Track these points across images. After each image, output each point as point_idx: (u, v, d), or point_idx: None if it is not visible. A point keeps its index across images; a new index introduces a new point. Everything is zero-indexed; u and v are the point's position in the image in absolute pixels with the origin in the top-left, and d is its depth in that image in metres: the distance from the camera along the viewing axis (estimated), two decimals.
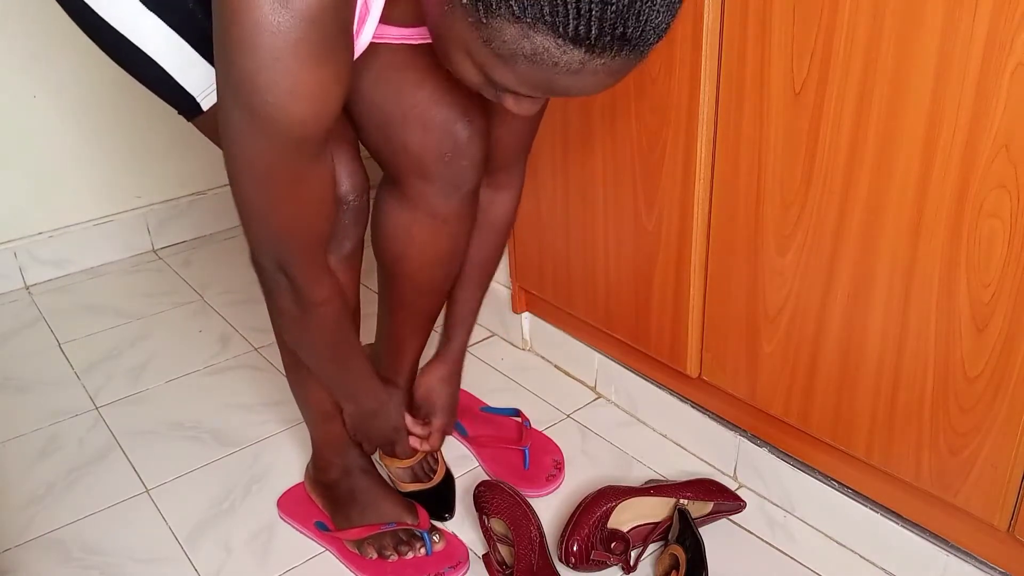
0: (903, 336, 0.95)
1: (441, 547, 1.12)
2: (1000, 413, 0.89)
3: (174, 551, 1.17)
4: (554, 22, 0.58)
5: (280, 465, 1.32)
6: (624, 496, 1.12)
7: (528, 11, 0.58)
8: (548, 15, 0.58)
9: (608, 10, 0.58)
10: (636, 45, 0.61)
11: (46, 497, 1.28)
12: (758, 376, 1.13)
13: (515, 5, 0.59)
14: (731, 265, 1.10)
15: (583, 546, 1.07)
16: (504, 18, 0.60)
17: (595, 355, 1.44)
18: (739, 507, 1.17)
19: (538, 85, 0.64)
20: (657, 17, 0.61)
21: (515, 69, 0.63)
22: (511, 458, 1.29)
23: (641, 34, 0.61)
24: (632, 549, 1.10)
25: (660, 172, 1.14)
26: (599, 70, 0.62)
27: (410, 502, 1.16)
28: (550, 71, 0.62)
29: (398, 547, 1.11)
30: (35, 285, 1.91)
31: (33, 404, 1.49)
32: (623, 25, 0.59)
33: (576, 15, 0.58)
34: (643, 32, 0.61)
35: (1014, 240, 0.82)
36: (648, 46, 0.63)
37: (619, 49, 0.61)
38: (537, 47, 0.60)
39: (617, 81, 0.65)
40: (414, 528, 1.11)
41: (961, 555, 1.01)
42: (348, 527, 1.13)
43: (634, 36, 0.60)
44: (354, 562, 1.12)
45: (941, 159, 0.84)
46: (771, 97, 0.97)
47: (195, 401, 1.48)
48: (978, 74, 0.79)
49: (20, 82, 1.77)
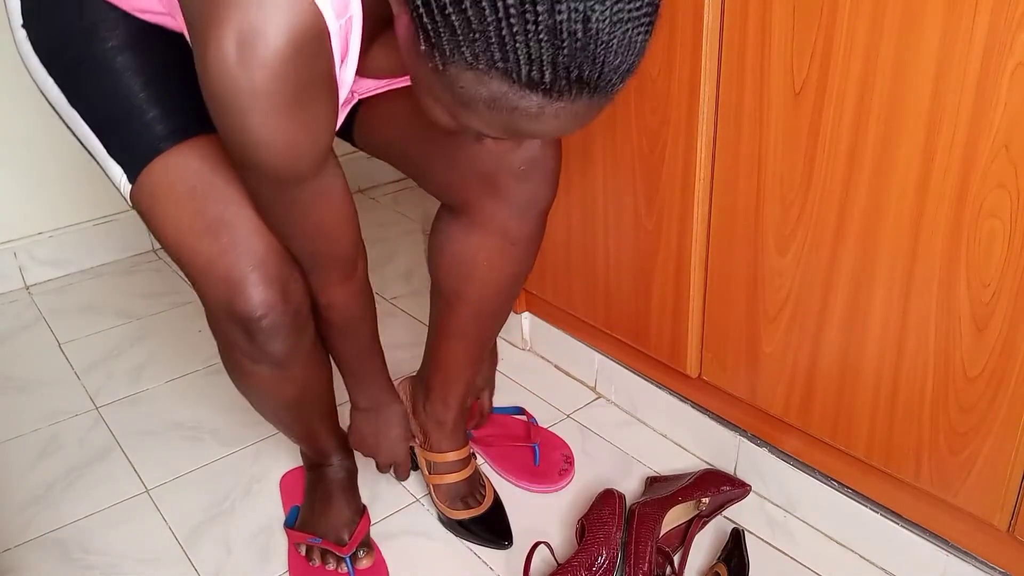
0: (903, 336, 0.95)
1: (366, 565, 1.12)
2: (1000, 413, 0.89)
3: (174, 551, 1.17)
4: (506, 68, 0.56)
5: (280, 465, 1.32)
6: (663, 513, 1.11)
7: (480, 58, 0.57)
8: (500, 61, 0.56)
9: (560, 54, 0.55)
10: (597, 88, 0.59)
11: (46, 497, 1.28)
12: (758, 376, 1.13)
13: (467, 52, 0.57)
14: (731, 265, 1.10)
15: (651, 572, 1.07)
16: (459, 65, 0.58)
17: (595, 355, 1.44)
18: (744, 492, 1.19)
19: (503, 129, 0.62)
20: (615, 59, 0.58)
21: (478, 114, 0.61)
22: (520, 456, 1.30)
23: (599, 76, 0.58)
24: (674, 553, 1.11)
25: (660, 172, 1.14)
26: (560, 113, 0.60)
27: (355, 516, 1.15)
28: (511, 115, 0.60)
29: (324, 557, 1.12)
30: (35, 285, 1.91)
31: (33, 404, 1.49)
32: (578, 68, 0.57)
33: (528, 60, 0.56)
34: (601, 75, 0.58)
35: (1014, 240, 0.82)
36: (611, 87, 0.60)
37: (578, 92, 0.58)
38: (494, 92, 0.58)
39: (586, 123, 0.63)
40: (335, 551, 1.11)
41: (961, 555, 1.01)
42: (300, 522, 1.17)
43: (592, 79, 0.58)
44: (291, 552, 1.16)
45: (941, 159, 0.84)
46: (771, 97, 0.97)
47: (195, 401, 1.48)
48: (978, 74, 0.79)
49: (20, 82, 1.77)
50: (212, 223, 0.81)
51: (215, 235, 0.81)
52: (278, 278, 0.84)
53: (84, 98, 0.84)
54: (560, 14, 0.54)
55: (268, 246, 0.83)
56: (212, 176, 0.82)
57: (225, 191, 0.82)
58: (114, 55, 0.82)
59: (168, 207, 0.82)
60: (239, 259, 0.82)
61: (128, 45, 0.82)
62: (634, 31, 0.57)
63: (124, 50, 0.82)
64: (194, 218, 0.81)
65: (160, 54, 0.84)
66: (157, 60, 0.83)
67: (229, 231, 0.82)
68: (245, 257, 0.82)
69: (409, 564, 1.14)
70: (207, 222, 0.81)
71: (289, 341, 0.88)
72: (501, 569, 1.13)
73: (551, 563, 1.11)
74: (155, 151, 0.82)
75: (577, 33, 0.55)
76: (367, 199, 2.32)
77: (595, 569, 1.04)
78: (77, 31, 0.83)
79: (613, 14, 0.55)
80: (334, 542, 1.11)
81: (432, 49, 0.59)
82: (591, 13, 0.54)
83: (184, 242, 0.82)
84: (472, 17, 0.55)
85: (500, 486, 1.26)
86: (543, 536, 1.16)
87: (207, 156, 0.82)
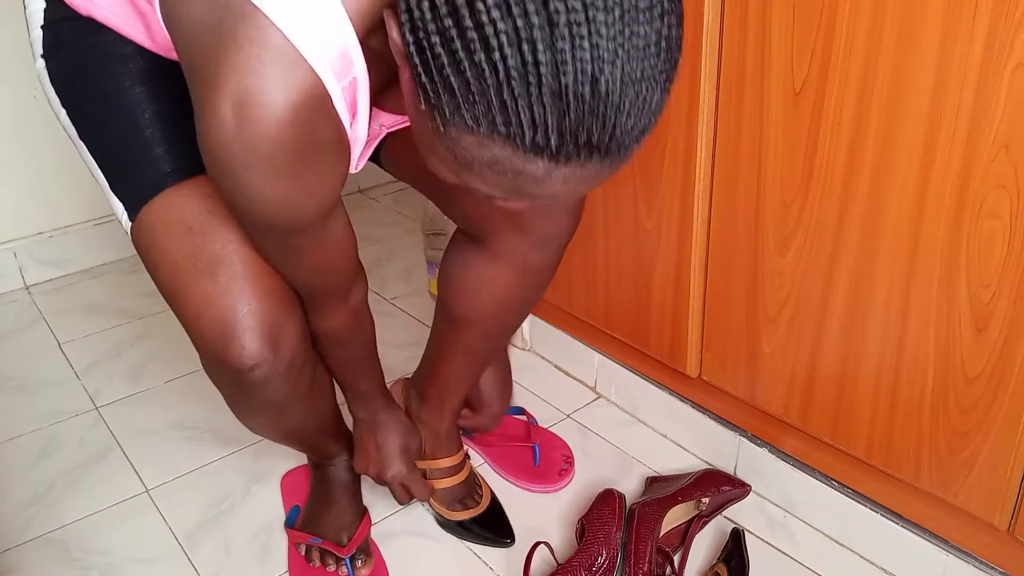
0: (903, 336, 0.95)
1: (364, 573, 1.11)
2: (1000, 413, 0.89)
3: (174, 551, 1.17)
4: (508, 132, 0.53)
5: (280, 465, 1.31)
6: (663, 513, 1.11)
7: (481, 122, 0.53)
8: (502, 125, 0.53)
9: (566, 119, 0.52)
10: (609, 151, 0.55)
11: (46, 497, 1.28)
12: (758, 376, 1.13)
13: (468, 116, 0.54)
14: (731, 265, 1.10)
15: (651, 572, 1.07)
16: (460, 128, 0.55)
17: (595, 355, 1.44)
18: (745, 492, 1.19)
19: (509, 191, 0.58)
20: (628, 121, 0.53)
21: (481, 176, 0.58)
22: (520, 456, 1.30)
23: (611, 139, 0.54)
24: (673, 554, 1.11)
25: (660, 172, 1.14)
26: (570, 178, 0.56)
27: (356, 518, 1.15)
28: (516, 179, 0.56)
29: (323, 558, 1.12)
30: (35, 285, 1.91)
31: (33, 404, 1.49)
32: (587, 133, 0.52)
33: (531, 125, 0.52)
34: (613, 137, 0.54)
35: (1014, 240, 0.82)
36: (624, 150, 0.56)
37: (587, 156, 0.54)
38: (497, 156, 0.55)
39: (599, 183, 0.59)
40: (336, 552, 1.11)
41: (961, 555, 1.01)
42: (302, 521, 1.16)
43: (603, 143, 0.54)
44: (291, 552, 1.15)
45: (941, 159, 0.84)
46: (771, 97, 0.97)
47: (195, 401, 1.48)
48: (978, 74, 0.79)
49: (20, 82, 1.77)
50: (210, 263, 0.79)
51: (212, 275, 0.79)
52: (272, 327, 0.81)
53: (92, 133, 0.84)
54: (566, 76, 0.50)
55: (265, 290, 0.81)
56: (211, 216, 0.80)
57: (224, 231, 0.80)
58: (124, 91, 0.81)
59: (166, 245, 0.80)
60: (235, 301, 0.80)
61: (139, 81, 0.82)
62: (649, 92, 0.54)
63: (135, 86, 0.82)
64: (192, 258, 0.79)
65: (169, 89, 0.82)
66: (166, 96, 0.82)
67: (227, 270, 0.79)
68: (242, 300, 0.80)
69: (409, 564, 1.14)
70: (205, 262, 0.79)
71: (283, 390, 0.87)
72: (501, 569, 1.12)
73: (551, 563, 1.11)
74: (156, 189, 0.81)
75: (585, 96, 0.51)
76: (367, 199, 2.32)
77: (595, 569, 1.04)
78: (90, 66, 0.82)
79: (625, 74, 0.52)
80: (334, 543, 1.11)
81: (432, 110, 0.56)
82: (599, 75, 0.51)
83: (180, 282, 0.80)
84: (472, 79, 0.52)
85: (500, 486, 1.26)
86: (543, 536, 1.16)
87: (208, 195, 0.80)
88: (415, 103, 0.58)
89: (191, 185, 0.81)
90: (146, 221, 0.81)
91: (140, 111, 0.81)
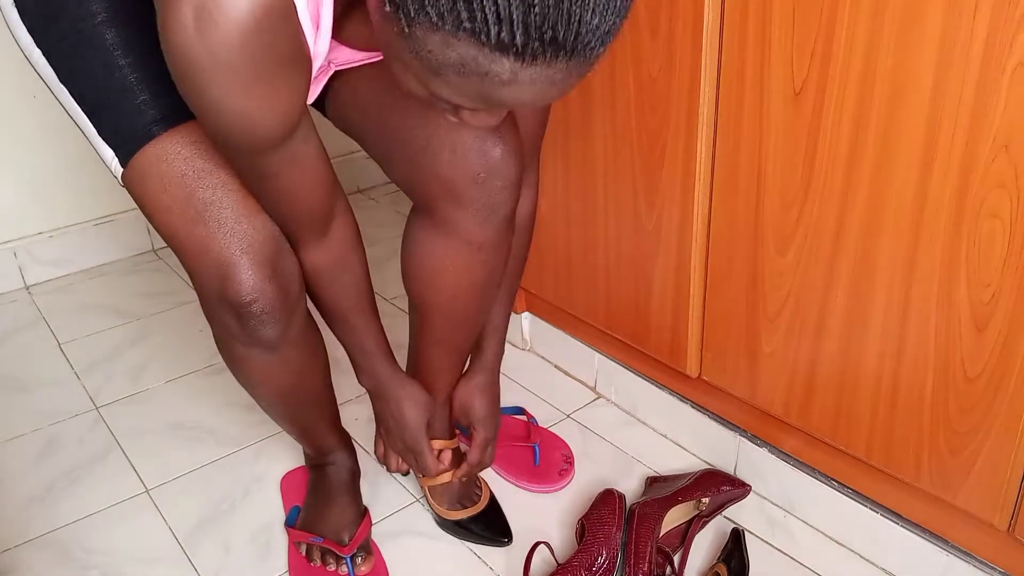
0: (903, 336, 0.95)
1: (364, 571, 1.11)
2: (1000, 413, 0.89)
3: (174, 551, 1.17)
4: (474, 28, 0.53)
5: (280, 465, 1.32)
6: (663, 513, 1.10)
7: (447, 18, 0.54)
8: (467, 21, 0.53)
9: (532, 13, 0.52)
10: (574, 51, 0.55)
11: (46, 497, 1.28)
12: (758, 376, 1.13)
13: (432, 13, 0.54)
14: (731, 265, 1.10)
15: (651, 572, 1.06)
16: (425, 27, 0.55)
17: (595, 355, 1.44)
18: (744, 492, 1.19)
19: (475, 96, 0.59)
20: (594, 19, 0.54)
21: (448, 81, 0.58)
22: (520, 455, 1.30)
23: (576, 38, 0.55)
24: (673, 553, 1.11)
25: (660, 172, 1.14)
26: (536, 79, 0.56)
27: (356, 517, 1.15)
28: (482, 82, 0.57)
29: (324, 557, 1.12)
30: (35, 285, 1.91)
31: (33, 404, 1.49)
32: (552, 29, 0.53)
33: (496, 20, 0.52)
34: (578, 35, 0.54)
35: (1014, 240, 0.82)
36: (590, 51, 0.57)
37: (553, 56, 0.55)
38: (463, 56, 0.55)
39: (565, 90, 0.60)
40: (337, 551, 1.10)
41: (961, 555, 1.01)
42: (302, 521, 1.16)
43: (568, 41, 0.54)
44: (291, 551, 1.15)
45: (941, 159, 0.84)
46: (771, 97, 0.97)
47: (195, 401, 1.48)
48: (978, 74, 0.79)
49: (20, 82, 1.77)
50: (202, 208, 0.82)
51: (205, 220, 0.82)
52: (268, 261, 0.85)
53: (74, 76, 0.82)
54: None
55: (258, 228, 0.84)
56: (202, 162, 0.82)
57: (215, 176, 0.82)
58: (103, 30, 0.80)
59: (160, 194, 0.82)
60: (229, 242, 0.83)
61: (118, 19, 0.81)
62: None
63: (114, 24, 0.80)
64: (185, 205, 0.82)
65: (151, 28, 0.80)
66: (147, 35, 0.80)
67: (218, 215, 0.82)
68: (235, 240, 0.83)
69: (409, 564, 1.14)
70: (197, 208, 0.82)
71: (280, 325, 0.89)
72: (501, 569, 1.12)
73: (551, 563, 1.11)
74: (147, 136, 0.81)
75: None
76: (367, 199, 2.32)
77: (595, 569, 1.04)
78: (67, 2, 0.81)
79: None
80: (336, 542, 1.11)
81: (397, 10, 0.56)
82: None
83: (176, 228, 0.83)
84: None
85: (500, 486, 1.26)
86: (543, 536, 1.16)
87: (198, 141, 0.82)
88: (380, 7, 0.59)
89: (182, 131, 0.82)
90: (137, 168, 0.82)
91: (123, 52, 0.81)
